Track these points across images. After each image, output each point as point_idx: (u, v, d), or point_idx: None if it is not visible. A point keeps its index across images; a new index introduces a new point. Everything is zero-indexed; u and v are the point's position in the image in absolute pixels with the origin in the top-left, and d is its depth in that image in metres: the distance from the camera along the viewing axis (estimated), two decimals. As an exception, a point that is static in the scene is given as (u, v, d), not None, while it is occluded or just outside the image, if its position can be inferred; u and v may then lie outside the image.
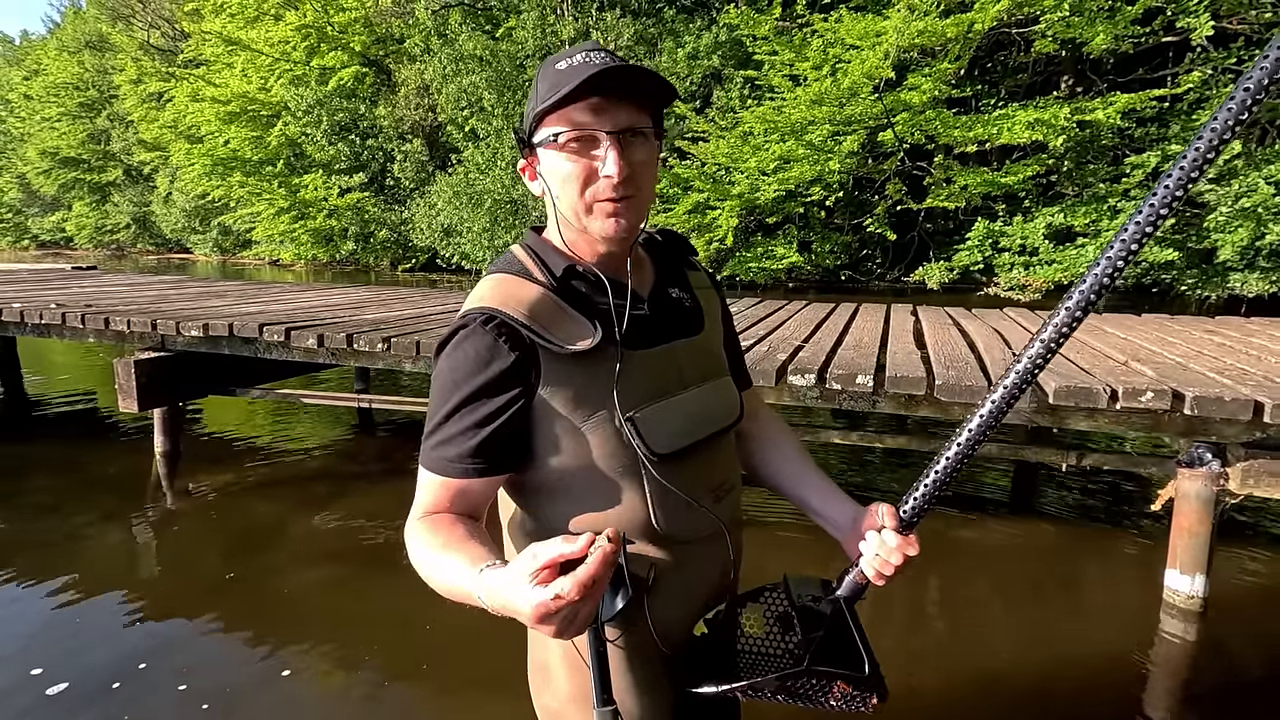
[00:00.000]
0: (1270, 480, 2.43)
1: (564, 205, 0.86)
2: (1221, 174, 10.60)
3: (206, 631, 2.58)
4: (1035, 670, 2.40)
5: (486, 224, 17.18)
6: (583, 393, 0.85)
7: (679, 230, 13.26)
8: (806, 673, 0.85)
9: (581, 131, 0.81)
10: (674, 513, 0.90)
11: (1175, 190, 0.66)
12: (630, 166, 0.83)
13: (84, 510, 3.65)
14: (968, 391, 2.53)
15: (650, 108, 0.85)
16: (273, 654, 2.44)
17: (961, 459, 0.83)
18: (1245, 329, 3.92)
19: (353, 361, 3.71)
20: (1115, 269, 0.71)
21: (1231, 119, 0.62)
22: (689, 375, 0.94)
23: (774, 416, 1.16)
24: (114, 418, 5.41)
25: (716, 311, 1.07)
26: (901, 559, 0.86)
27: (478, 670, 2.33)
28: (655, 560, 0.91)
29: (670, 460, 0.88)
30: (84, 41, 37.15)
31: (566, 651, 0.94)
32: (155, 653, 2.44)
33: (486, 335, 0.82)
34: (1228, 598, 2.80)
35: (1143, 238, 0.69)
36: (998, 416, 0.80)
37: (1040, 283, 11.79)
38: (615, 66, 0.79)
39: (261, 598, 2.84)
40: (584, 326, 0.85)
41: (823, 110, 12.14)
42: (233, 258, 28.01)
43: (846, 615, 0.90)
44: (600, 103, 0.81)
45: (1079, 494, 3.99)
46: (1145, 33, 10.87)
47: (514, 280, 0.88)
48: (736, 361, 1.11)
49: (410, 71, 19.72)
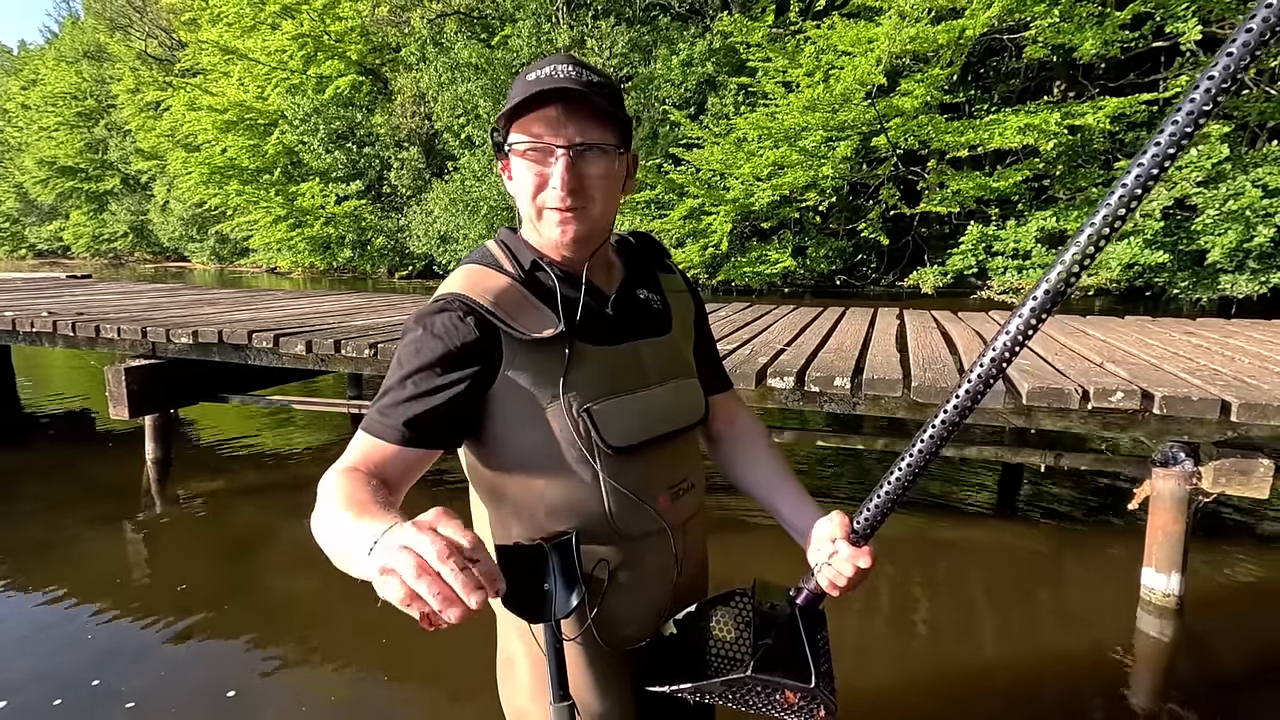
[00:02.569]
0: (1241, 479, 2.47)
1: (521, 208, 0.91)
2: (1210, 177, 10.66)
3: (194, 637, 2.59)
4: (1017, 669, 2.43)
5: (483, 231, 17.23)
6: (542, 380, 0.88)
7: (675, 235, 13.30)
8: (750, 679, 0.85)
9: (536, 142, 0.86)
10: (628, 507, 0.92)
11: (1150, 170, 0.60)
12: (580, 179, 0.87)
13: (74, 517, 3.67)
14: (943, 393, 2.57)
15: (614, 124, 0.89)
16: (262, 659, 2.46)
17: (915, 471, 0.79)
18: (1224, 330, 3.96)
19: (341, 367, 3.74)
20: (1077, 267, 0.66)
21: (1209, 98, 0.57)
22: (651, 374, 0.97)
23: (753, 422, 1.16)
24: (105, 425, 5.43)
25: (689, 315, 1.09)
26: (853, 570, 0.85)
27: (471, 674, 2.33)
28: (608, 557, 0.94)
29: (625, 454, 0.91)
30: (82, 51, 37.26)
31: (529, 648, 0.96)
32: (137, 659, 2.45)
33: (452, 315, 0.86)
34: (1203, 595, 2.83)
35: (1116, 222, 0.63)
36: (951, 428, 0.76)
37: (1033, 286, 11.84)
38: (570, 86, 0.82)
39: (251, 604, 2.85)
40: (546, 316, 0.89)
41: (816, 116, 12.21)
42: (230, 266, 28.05)
43: (799, 624, 0.89)
44: (558, 116, 0.85)
45: (1061, 494, 4.02)
46: (1135, 38, 10.94)
47: (484, 270, 0.93)
48: (711, 365, 1.13)
49: (406, 80, 19.80)
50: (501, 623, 1.02)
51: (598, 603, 0.93)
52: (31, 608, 2.79)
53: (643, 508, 0.94)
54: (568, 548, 0.88)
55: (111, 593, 2.89)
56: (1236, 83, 0.57)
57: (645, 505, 0.94)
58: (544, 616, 0.83)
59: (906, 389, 2.65)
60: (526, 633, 0.96)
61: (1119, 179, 0.63)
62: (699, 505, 1.05)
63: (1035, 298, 0.69)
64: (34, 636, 2.59)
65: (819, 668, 0.85)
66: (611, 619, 0.95)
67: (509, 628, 1.01)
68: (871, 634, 2.66)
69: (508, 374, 0.87)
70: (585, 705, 0.95)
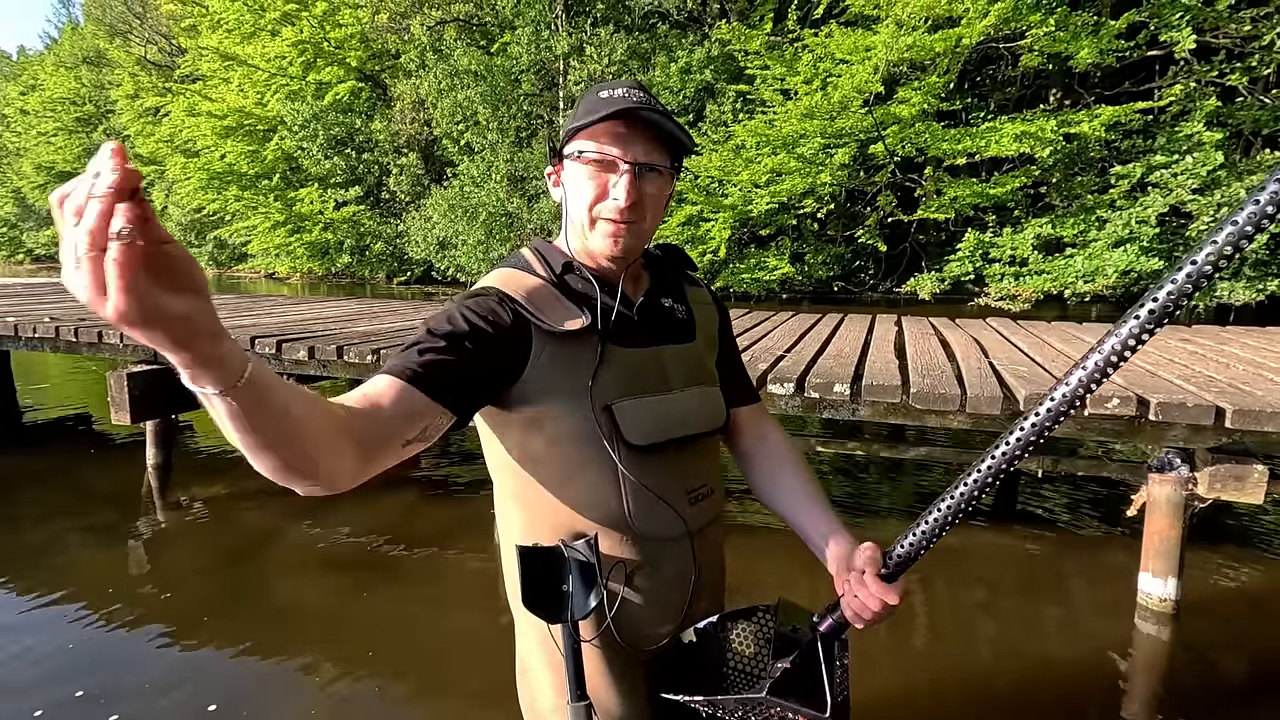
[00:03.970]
0: (1236, 484, 2.49)
1: (573, 214, 0.95)
2: (1205, 184, 10.75)
3: (188, 646, 2.58)
4: (1015, 674, 2.45)
5: (481, 237, 17.28)
6: (569, 375, 0.91)
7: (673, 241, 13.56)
8: (765, 701, 0.84)
9: (604, 154, 0.90)
10: (646, 507, 0.94)
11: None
12: (639, 196, 0.91)
13: (72, 524, 3.67)
14: (941, 399, 2.59)
15: (672, 151, 0.95)
16: (264, 664, 2.46)
17: (961, 509, 0.76)
18: (1219, 337, 4.00)
19: (343, 373, 3.76)
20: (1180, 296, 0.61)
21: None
22: (673, 379, 1.00)
23: (784, 439, 1.15)
24: (106, 431, 5.44)
25: (713, 327, 1.13)
26: (880, 606, 0.84)
27: (474, 680, 2.35)
28: (627, 559, 0.95)
29: (643, 453, 0.94)
30: (81, 57, 37.36)
31: (548, 651, 0.98)
32: (126, 669, 2.44)
33: (488, 300, 0.91)
34: (1200, 600, 2.85)
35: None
36: (1009, 462, 0.73)
37: (1030, 292, 11.90)
38: (649, 108, 0.89)
39: (252, 608, 2.86)
40: (575, 313, 0.93)
41: (814, 124, 12.30)
42: (229, 271, 28.05)
43: (819, 651, 0.88)
44: (627, 134, 0.90)
45: (1059, 500, 4.04)
46: (1129, 47, 11.05)
47: (517, 272, 0.98)
48: (737, 376, 1.16)
49: (406, 86, 19.89)
50: (519, 627, 1.04)
51: (616, 604, 0.94)
52: (16, 616, 2.75)
53: (661, 508, 0.95)
54: (586, 549, 0.90)
55: (106, 600, 2.86)
56: None
57: (664, 504, 0.96)
58: (562, 617, 0.84)
59: (905, 395, 2.68)
60: (545, 636, 0.98)
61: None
62: (718, 511, 1.06)
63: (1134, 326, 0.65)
64: (20, 645, 2.56)
65: (835, 699, 0.84)
66: (629, 621, 0.96)
67: (526, 631, 1.02)
68: (871, 638, 2.67)
69: (536, 366, 0.90)
70: (603, 707, 0.96)
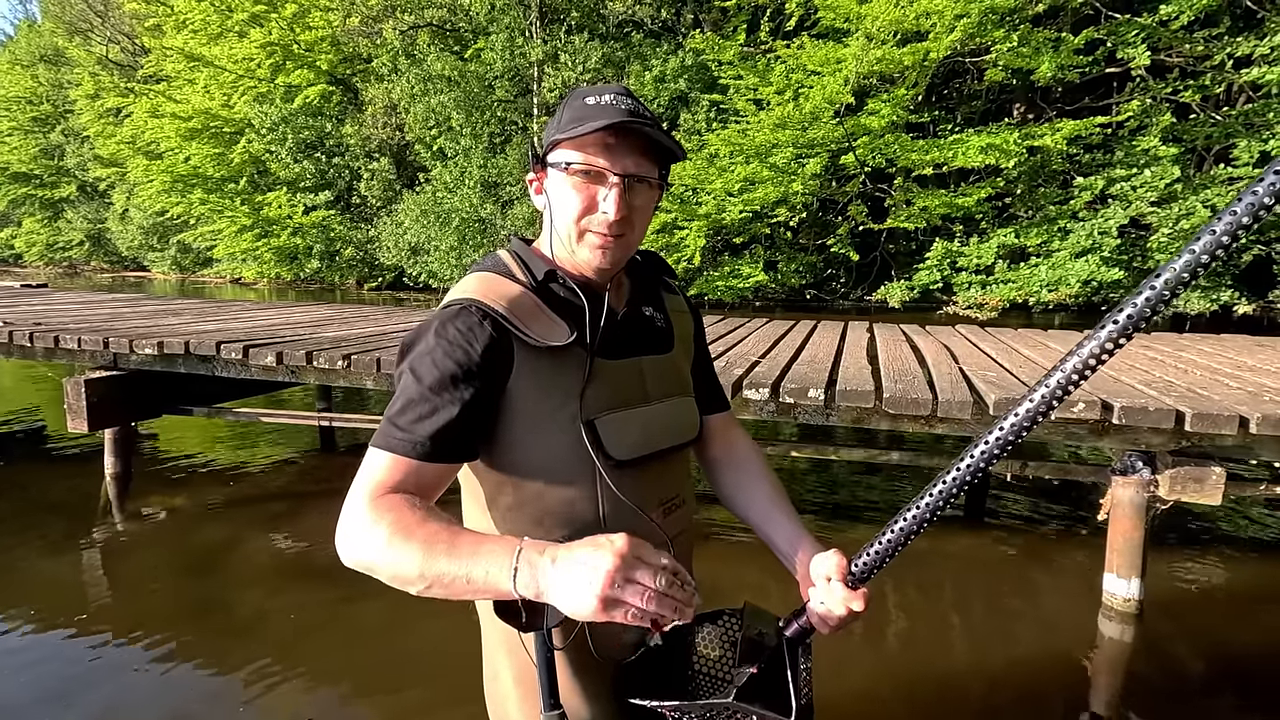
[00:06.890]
0: (1195, 486, 2.57)
1: (559, 225, 0.93)
2: (1163, 197, 11.12)
3: (155, 658, 2.51)
4: (983, 674, 2.48)
5: (454, 243, 17.13)
6: (551, 389, 0.89)
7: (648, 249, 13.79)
8: (731, 706, 0.84)
9: (592, 166, 0.88)
10: (624, 520, 0.92)
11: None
12: (628, 209, 0.90)
13: (25, 537, 3.53)
14: (914, 404, 2.63)
15: (660, 160, 0.93)
16: (227, 678, 2.39)
17: (926, 518, 0.77)
18: (1177, 344, 4.13)
19: (313, 379, 3.69)
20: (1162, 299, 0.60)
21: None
22: (652, 390, 0.99)
23: (751, 447, 1.16)
24: (62, 439, 5.25)
25: (689, 335, 1.12)
26: (845, 612, 0.86)
27: (442, 690, 2.32)
28: None
29: (625, 468, 0.92)
30: (38, 55, 36.24)
31: (516, 661, 0.96)
32: (95, 684, 2.37)
33: (469, 319, 0.85)
34: (1162, 599, 2.93)
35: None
36: (975, 472, 0.72)
37: (996, 301, 12.18)
38: (639, 120, 0.86)
39: (215, 621, 2.78)
40: (559, 326, 0.89)
41: (786, 133, 12.45)
42: (192, 276, 27.37)
43: (785, 656, 0.89)
44: (616, 145, 0.88)
45: (1026, 502, 4.12)
46: (1088, 63, 11.40)
47: (496, 278, 0.93)
48: (708, 384, 1.15)
49: (378, 90, 19.66)
50: (487, 636, 1.02)
51: None
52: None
53: (638, 519, 0.94)
54: None
55: (64, 616, 2.76)
56: None
57: (642, 515, 0.95)
58: (535, 625, 0.83)
59: (879, 400, 2.71)
60: (515, 644, 0.96)
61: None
62: (689, 521, 1.06)
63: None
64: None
65: (799, 702, 0.85)
66: (601, 629, 0.95)
67: (495, 640, 1.00)
68: (841, 639, 2.69)
69: (519, 380, 0.87)
70: (576, 715, 0.95)
